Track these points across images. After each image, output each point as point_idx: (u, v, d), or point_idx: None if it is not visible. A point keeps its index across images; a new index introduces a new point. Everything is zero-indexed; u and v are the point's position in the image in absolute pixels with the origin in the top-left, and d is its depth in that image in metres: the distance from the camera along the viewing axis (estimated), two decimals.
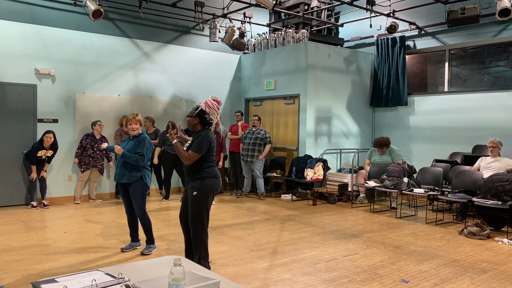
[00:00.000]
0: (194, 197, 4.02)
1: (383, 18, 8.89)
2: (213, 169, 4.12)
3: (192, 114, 4.10)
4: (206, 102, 4.06)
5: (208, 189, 4.04)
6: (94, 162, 7.83)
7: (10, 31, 7.33)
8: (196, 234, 4.06)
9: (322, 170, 8.14)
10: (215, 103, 4.07)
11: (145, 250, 4.83)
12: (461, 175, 6.81)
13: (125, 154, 4.71)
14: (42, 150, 7.21)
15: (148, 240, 4.87)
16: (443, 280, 4.12)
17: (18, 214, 6.78)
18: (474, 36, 8.28)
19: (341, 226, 6.30)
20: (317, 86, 8.90)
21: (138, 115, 4.95)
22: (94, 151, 7.77)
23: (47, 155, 7.30)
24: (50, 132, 7.25)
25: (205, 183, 4.03)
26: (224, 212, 7.21)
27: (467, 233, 5.78)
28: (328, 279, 4.09)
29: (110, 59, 8.40)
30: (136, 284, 1.89)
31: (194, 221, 4.05)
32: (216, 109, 4.07)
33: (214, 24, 8.97)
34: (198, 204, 4.03)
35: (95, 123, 7.84)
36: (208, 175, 4.06)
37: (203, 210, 4.06)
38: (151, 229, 4.87)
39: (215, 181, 4.10)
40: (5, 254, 4.74)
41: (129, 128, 4.90)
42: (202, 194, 4.02)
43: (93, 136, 7.81)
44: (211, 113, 4.04)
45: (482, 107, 8.13)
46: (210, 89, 9.76)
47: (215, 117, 4.07)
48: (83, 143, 7.74)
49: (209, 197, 4.09)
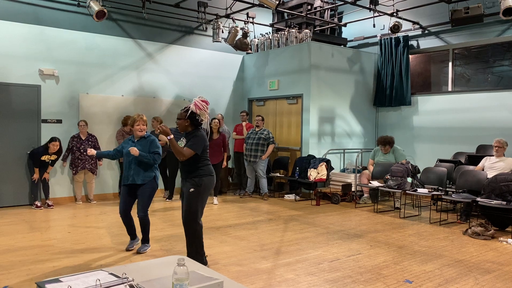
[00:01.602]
0: (191, 193, 4.11)
1: (386, 18, 8.87)
2: (209, 167, 4.24)
3: (182, 116, 4.10)
4: (195, 103, 4.07)
5: (205, 186, 4.16)
6: (83, 163, 7.68)
7: (14, 32, 7.36)
8: (190, 229, 4.16)
9: (326, 170, 8.13)
10: (203, 104, 4.10)
11: (141, 248, 4.91)
12: (465, 175, 6.78)
13: (142, 154, 4.67)
14: (46, 155, 7.23)
15: (144, 240, 4.95)
16: (447, 280, 4.10)
17: (22, 214, 6.81)
18: (478, 35, 8.25)
19: (344, 226, 6.29)
20: (320, 86, 8.89)
21: (143, 115, 4.95)
22: (81, 153, 7.62)
23: (51, 159, 7.31)
24: (56, 140, 7.21)
25: (203, 181, 4.14)
26: (227, 212, 7.21)
27: (471, 233, 5.76)
28: (331, 279, 4.08)
29: (113, 59, 8.43)
30: (140, 284, 1.89)
31: (189, 217, 4.14)
32: (206, 109, 4.12)
33: (217, 24, 8.98)
34: (195, 201, 4.12)
35: (78, 123, 7.72)
36: (205, 173, 4.18)
37: (199, 206, 4.16)
38: (149, 230, 4.96)
39: (211, 179, 4.24)
40: (9, 254, 4.76)
41: (137, 129, 4.85)
42: (199, 191, 4.11)
43: (78, 137, 7.68)
44: (201, 114, 4.09)
45: (486, 107, 8.10)
46: (213, 89, 9.78)
47: (205, 117, 4.14)
48: (70, 145, 7.66)
49: (205, 194, 4.20)
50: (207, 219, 6.58)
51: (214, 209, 7.50)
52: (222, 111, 9.90)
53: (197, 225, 4.17)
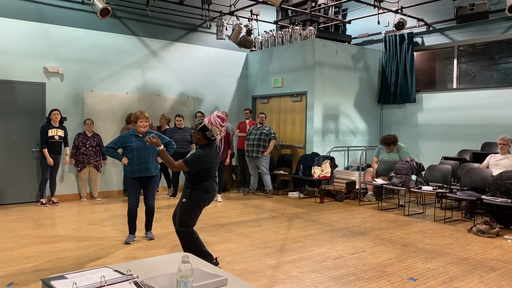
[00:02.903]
0: (183, 203, 4.08)
1: (391, 15, 8.83)
2: (209, 184, 4.06)
3: (196, 127, 4.04)
4: (209, 118, 3.96)
5: (196, 200, 4.03)
6: (88, 159, 7.79)
7: (18, 30, 7.38)
8: (180, 237, 4.11)
9: (330, 167, 8.12)
10: (218, 119, 3.91)
11: (151, 235, 5.28)
12: (470, 173, 6.76)
13: (165, 150, 4.76)
14: (52, 129, 7.26)
15: (150, 226, 5.33)
16: (451, 278, 4.10)
17: (27, 211, 6.85)
18: (483, 32, 8.19)
19: (348, 224, 6.28)
20: (325, 84, 8.87)
21: (145, 112, 5.12)
22: (87, 148, 7.75)
23: (59, 135, 7.33)
24: (56, 110, 7.34)
25: (196, 195, 4.01)
26: (231, 210, 7.22)
27: (476, 231, 5.74)
28: (335, 277, 4.08)
29: (117, 57, 8.44)
30: (144, 281, 1.90)
31: (178, 224, 4.08)
32: (219, 126, 3.91)
33: (221, 21, 8.97)
34: (185, 210, 4.06)
35: (85, 122, 7.85)
36: (202, 188, 4.02)
37: (187, 217, 4.05)
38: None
39: (206, 195, 4.05)
40: (15, 251, 4.79)
41: (139, 125, 5.03)
42: (190, 203, 4.03)
43: (84, 134, 7.80)
44: (213, 130, 3.93)
45: (491, 104, 8.05)
46: (217, 87, 9.78)
47: (217, 134, 3.96)
48: (76, 142, 7.75)
49: (195, 207, 4.06)
50: (211, 216, 6.59)
51: (218, 206, 7.52)
52: (226, 108, 9.90)
53: (185, 233, 4.05)
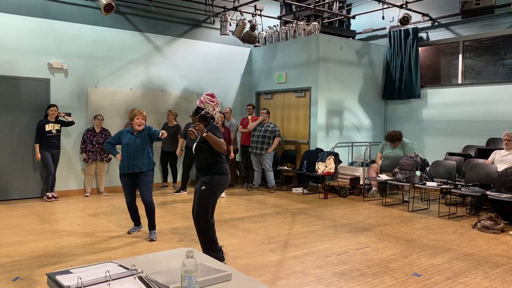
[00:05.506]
0: (202, 191, 4.08)
1: (395, 10, 8.77)
2: (222, 165, 4.17)
3: (192, 114, 4.21)
4: (200, 98, 4.17)
5: (216, 185, 4.10)
6: (95, 155, 7.84)
7: (23, 26, 7.40)
8: (199, 227, 4.14)
9: (334, 163, 8.11)
10: (207, 97, 4.13)
11: (153, 236, 5.12)
12: (475, 169, 6.73)
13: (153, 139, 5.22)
14: (48, 124, 7.31)
15: (153, 226, 5.19)
16: (456, 274, 4.09)
17: (32, 207, 6.88)
18: (488, 27, 8.13)
19: (352, 220, 6.28)
20: (329, 79, 8.84)
21: (143, 111, 5.26)
22: (93, 145, 7.80)
23: (56, 128, 7.38)
24: (54, 105, 7.37)
25: (214, 179, 4.08)
26: (235, 205, 7.23)
27: (481, 227, 5.72)
28: (339, 272, 4.08)
29: (121, 53, 8.44)
30: (149, 276, 1.91)
31: (199, 215, 4.11)
32: (209, 101, 4.11)
33: (225, 17, 8.95)
34: (205, 199, 4.09)
35: (95, 117, 7.89)
36: (218, 171, 4.11)
37: (209, 205, 4.11)
38: (155, 215, 5.22)
39: (224, 178, 4.17)
40: (20, 245, 4.82)
41: (136, 123, 5.15)
42: (210, 189, 4.07)
43: (93, 130, 7.85)
44: (205, 107, 4.09)
45: (496, 100, 8.00)
46: (221, 82, 9.77)
47: (211, 109, 4.11)
48: (85, 138, 7.82)
49: (216, 193, 4.14)
50: (215, 212, 6.57)
51: (222, 202, 7.52)
52: (230, 104, 9.89)
53: (206, 223, 4.12)
